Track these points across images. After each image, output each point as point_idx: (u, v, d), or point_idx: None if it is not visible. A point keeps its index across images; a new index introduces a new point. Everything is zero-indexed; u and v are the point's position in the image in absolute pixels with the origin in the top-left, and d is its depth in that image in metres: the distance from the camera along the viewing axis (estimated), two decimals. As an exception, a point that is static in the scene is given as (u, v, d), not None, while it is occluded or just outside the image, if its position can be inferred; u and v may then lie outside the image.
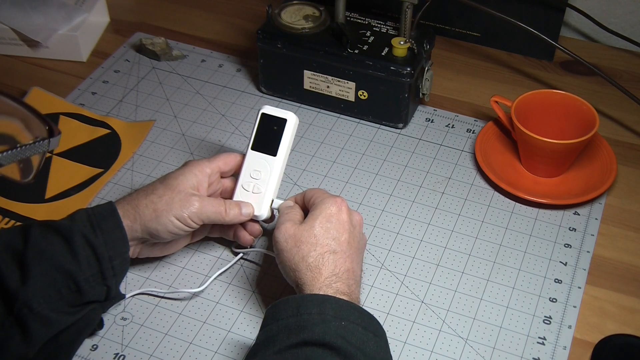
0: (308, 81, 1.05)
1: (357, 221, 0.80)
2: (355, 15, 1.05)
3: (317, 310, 0.68)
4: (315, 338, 0.66)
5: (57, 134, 0.66)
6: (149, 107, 1.08)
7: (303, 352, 0.66)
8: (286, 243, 0.76)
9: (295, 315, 0.68)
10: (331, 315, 0.68)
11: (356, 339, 0.67)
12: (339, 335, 0.66)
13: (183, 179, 0.80)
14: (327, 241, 0.75)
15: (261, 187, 0.84)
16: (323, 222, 0.77)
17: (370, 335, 0.68)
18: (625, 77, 1.13)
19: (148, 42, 1.15)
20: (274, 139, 0.84)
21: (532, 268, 0.87)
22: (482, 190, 0.96)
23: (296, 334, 0.67)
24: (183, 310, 0.82)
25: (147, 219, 0.78)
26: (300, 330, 0.67)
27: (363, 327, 0.68)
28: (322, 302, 0.69)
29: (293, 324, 0.68)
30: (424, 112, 1.07)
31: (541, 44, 1.13)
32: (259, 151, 0.85)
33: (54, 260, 0.73)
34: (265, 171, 0.84)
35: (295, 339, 0.66)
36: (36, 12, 1.14)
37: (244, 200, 0.83)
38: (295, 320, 0.68)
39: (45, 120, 0.65)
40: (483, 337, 0.80)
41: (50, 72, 1.14)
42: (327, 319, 0.67)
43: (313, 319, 0.68)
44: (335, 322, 0.67)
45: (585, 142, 0.92)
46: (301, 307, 0.69)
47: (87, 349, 0.78)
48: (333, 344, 0.65)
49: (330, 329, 0.67)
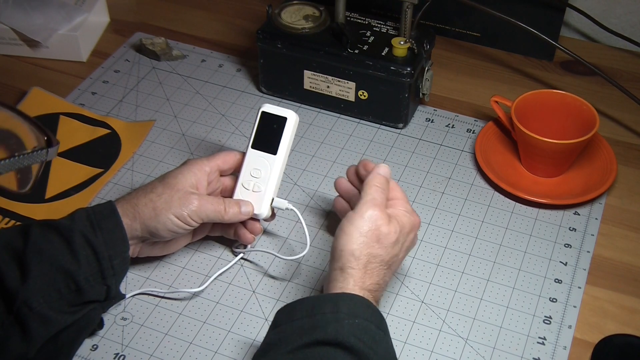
0: (308, 81, 1.05)
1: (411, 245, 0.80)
2: (355, 15, 1.05)
3: (330, 310, 0.68)
4: (328, 337, 0.66)
5: (55, 144, 0.66)
6: (149, 107, 1.08)
7: (316, 352, 0.65)
8: (369, 229, 0.74)
9: (310, 315, 0.68)
10: (345, 313, 0.67)
11: (369, 337, 0.67)
12: (352, 334, 0.66)
13: (182, 178, 0.80)
14: (393, 252, 0.75)
15: (261, 186, 0.84)
16: (403, 235, 0.76)
17: (381, 334, 0.68)
18: (625, 77, 1.13)
19: (148, 42, 1.15)
20: (274, 137, 0.84)
21: (532, 268, 0.87)
22: (482, 190, 0.96)
23: (309, 333, 0.66)
24: (183, 310, 0.82)
25: (146, 218, 0.78)
26: (314, 330, 0.66)
27: (376, 326, 0.68)
28: (336, 300, 0.69)
29: (307, 324, 0.67)
30: (424, 112, 1.07)
31: (541, 44, 1.13)
32: (259, 150, 0.85)
33: (53, 259, 0.73)
34: (266, 170, 0.84)
35: (308, 338, 0.66)
36: (36, 12, 1.15)
37: (243, 199, 0.83)
38: (309, 320, 0.68)
39: (43, 130, 0.65)
40: (483, 337, 0.80)
41: (50, 72, 1.14)
42: (341, 317, 0.67)
43: (327, 318, 0.67)
44: (349, 320, 0.67)
45: (585, 142, 0.92)
46: (315, 307, 0.68)
47: (87, 349, 0.78)
48: (346, 343, 0.65)
49: (344, 328, 0.66)
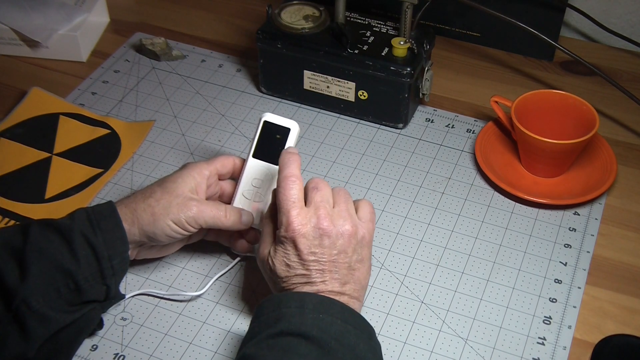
0: (308, 81, 1.05)
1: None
2: (355, 15, 1.05)
3: (296, 305, 0.69)
4: (291, 328, 0.67)
5: None
6: (149, 107, 1.08)
7: (279, 342, 0.66)
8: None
9: (276, 309, 0.69)
10: (310, 309, 0.69)
11: (334, 330, 0.67)
12: (315, 326, 0.67)
13: (182, 182, 0.80)
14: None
15: (263, 196, 0.83)
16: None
17: (349, 328, 0.68)
18: (625, 77, 1.13)
19: (148, 42, 1.15)
20: (277, 147, 0.82)
21: (532, 268, 0.87)
22: (482, 190, 0.96)
23: (274, 325, 0.68)
24: (183, 310, 0.82)
25: (145, 223, 0.78)
26: (278, 322, 0.68)
27: (342, 320, 0.69)
28: (302, 297, 0.70)
29: (272, 318, 0.69)
30: (424, 112, 1.07)
31: (541, 44, 1.13)
32: (260, 159, 0.84)
33: (53, 258, 0.73)
34: (267, 180, 0.83)
35: (273, 330, 0.67)
36: (36, 12, 1.15)
37: (244, 209, 0.83)
38: (275, 314, 0.69)
39: None
40: (483, 337, 0.80)
41: (50, 72, 1.14)
42: (305, 312, 0.68)
43: (291, 312, 0.69)
44: (313, 314, 0.68)
45: (585, 142, 0.92)
46: (282, 303, 0.70)
47: (87, 349, 0.78)
48: (308, 333, 0.66)
49: (307, 321, 0.67)
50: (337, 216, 0.74)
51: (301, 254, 0.73)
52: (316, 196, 0.75)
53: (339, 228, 0.74)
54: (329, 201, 0.75)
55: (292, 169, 0.75)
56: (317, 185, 0.76)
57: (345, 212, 0.75)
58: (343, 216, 0.75)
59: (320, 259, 0.73)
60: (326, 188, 0.76)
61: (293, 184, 0.74)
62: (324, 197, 0.75)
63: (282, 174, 0.75)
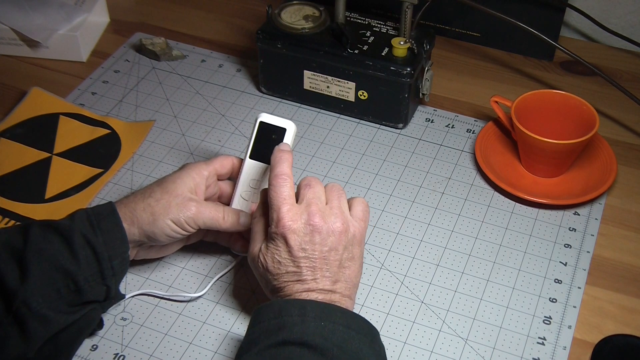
0: (308, 81, 1.05)
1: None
2: (355, 15, 1.05)
3: (298, 313, 0.69)
4: (294, 337, 0.66)
5: None
6: (149, 107, 1.08)
7: (282, 351, 0.66)
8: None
9: (277, 317, 0.69)
10: (312, 317, 0.68)
11: (337, 337, 0.67)
12: (317, 334, 0.67)
13: (181, 183, 0.80)
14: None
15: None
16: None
17: (352, 333, 0.68)
18: (625, 77, 1.13)
19: (148, 42, 1.15)
20: (273, 148, 0.82)
21: (532, 268, 0.87)
22: (482, 190, 0.96)
23: (276, 334, 0.67)
24: (183, 310, 0.82)
25: (144, 222, 0.78)
26: (280, 331, 0.67)
27: (345, 326, 0.68)
28: (303, 305, 0.70)
29: (274, 326, 0.68)
30: (424, 112, 1.07)
31: (541, 44, 1.13)
32: (257, 160, 0.84)
33: (53, 259, 0.73)
34: (265, 181, 0.83)
35: (275, 339, 0.67)
36: (36, 12, 1.15)
37: (242, 210, 0.83)
38: (276, 322, 0.68)
39: None
40: (483, 337, 0.80)
41: (50, 72, 1.14)
42: (307, 320, 0.68)
43: (293, 320, 0.68)
44: (315, 322, 0.68)
45: (585, 142, 0.92)
46: (283, 310, 0.69)
47: (87, 349, 0.78)
48: (311, 342, 0.66)
49: (310, 329, 0.67)
50: (328, 213, 0.75)
51: (292, 250, 0.73)
52: (308, 193, 0.75)
53: (330, 225, 0.74)
54: (320, 198, 0.76)
55: (283, 167, 0.76)
56: (309, 182, 0.76)
57: (337, 209, 0.75)
58: (335, 213, 0.75)
59: (310, 256, 0.73)
60: (318, 185, 0.77)
61: (284, 182, 0.75)
62: (315, 194, 0.75)
63: (273, 172, 0.76)
